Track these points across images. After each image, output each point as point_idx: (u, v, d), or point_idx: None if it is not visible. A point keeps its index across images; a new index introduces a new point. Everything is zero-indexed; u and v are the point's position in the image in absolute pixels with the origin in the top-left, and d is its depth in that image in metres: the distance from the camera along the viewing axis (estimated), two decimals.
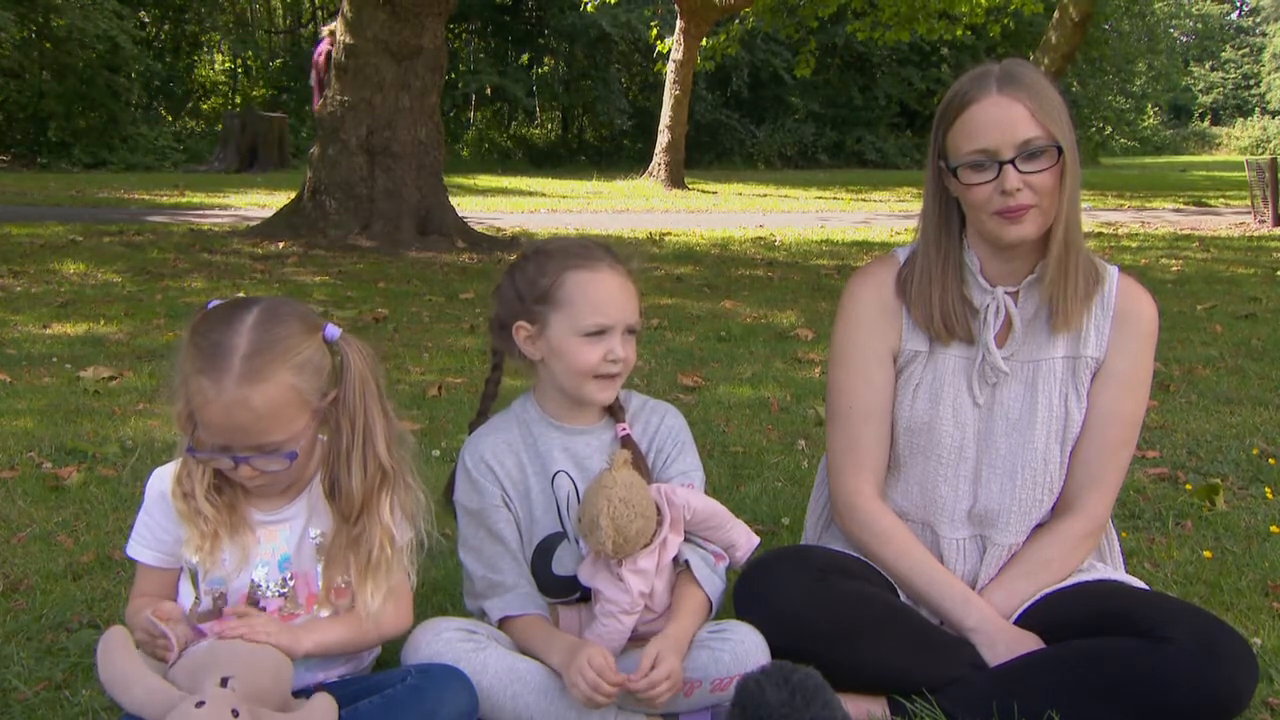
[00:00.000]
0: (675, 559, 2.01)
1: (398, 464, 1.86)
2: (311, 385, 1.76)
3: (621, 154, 25.91)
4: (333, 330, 1.81)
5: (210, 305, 1.81)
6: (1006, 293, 2.10)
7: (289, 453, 1.76)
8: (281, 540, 1.87)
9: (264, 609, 1.84)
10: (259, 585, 1.85)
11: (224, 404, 1.68)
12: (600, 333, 1.97)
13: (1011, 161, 1.96)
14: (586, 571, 1.99)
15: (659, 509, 1.96)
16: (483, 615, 2.06)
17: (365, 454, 1.81)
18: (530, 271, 2.02)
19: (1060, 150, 1.98)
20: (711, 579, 2.03)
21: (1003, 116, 1.97)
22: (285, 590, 1.86)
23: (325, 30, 13.08)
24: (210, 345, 1.71)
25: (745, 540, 2.05)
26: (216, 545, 1.81)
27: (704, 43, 19.03)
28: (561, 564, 2.05)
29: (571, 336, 1.98)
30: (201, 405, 1.70)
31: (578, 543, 2.04)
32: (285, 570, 1.86)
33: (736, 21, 19.98)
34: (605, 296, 1.98)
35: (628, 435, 2.07)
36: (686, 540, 2.03)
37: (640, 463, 2.03)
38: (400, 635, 1.96)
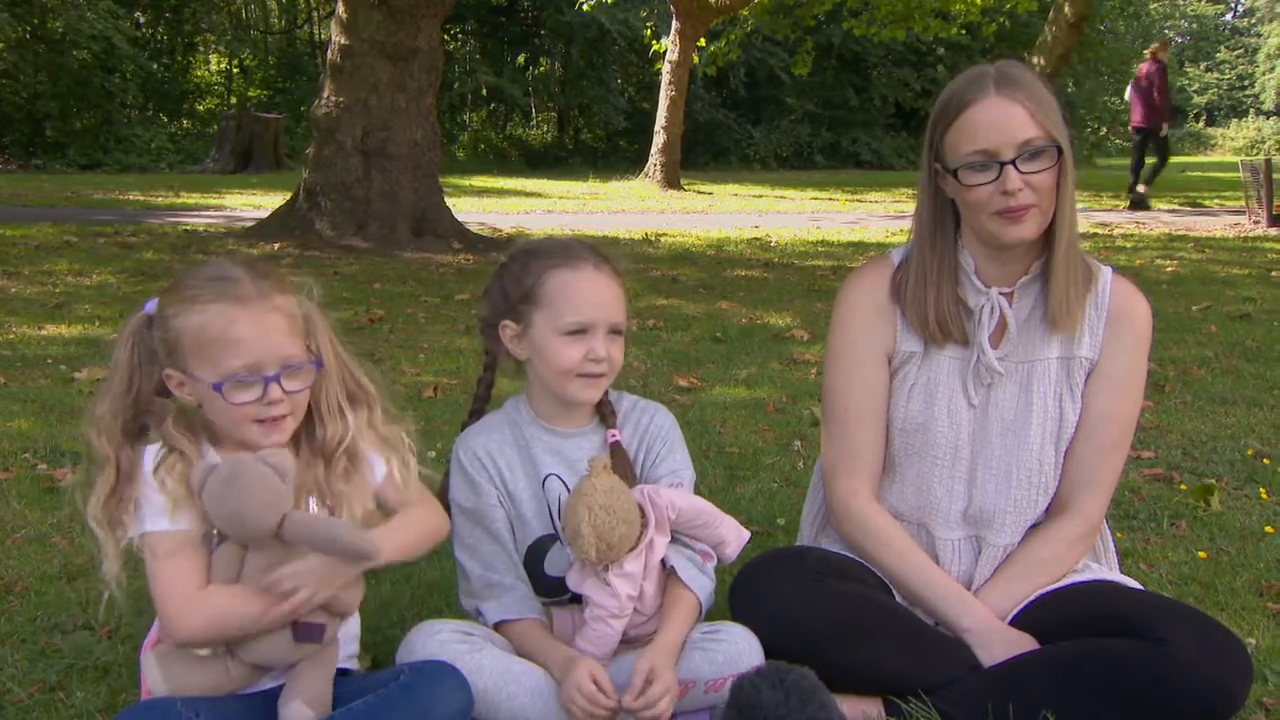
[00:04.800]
0: (663, 561, 2.01)
1: (375, 389, 1.93)
2: (302, 315, 1.83)
3: (618, 155, 25.89)
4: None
5: (149, 306, 1.80)
6: (1001, 294, 2.11)
7: (315, 360, 1.81)
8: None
9: None
10: None
11: (253, 314, 1.73)
12: (580, 331, 1.97)
13: (1012, 162, 1.97)
14: (575, 578, 1.98)
15: (642, 511, 1.95)
16: (478, 615, 2.06)
17: (344, 378, 1.88)
18: (515, 271, 2.04)
19: (1060, 150, 1.98)
20: (699, 579, 2.03)
21: (1002, 117, 1.98)
22: None
23: (1149, 52, 13.31)
24: (213, 282, 1.74)
25: (735, 536, 2.05)
26: None
27: (702, 44, 18.99)
28: (554, 564, 2.05)
29: (553, 335, 1.98)
30: (226, 328, 1.71)
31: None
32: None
33: (737, 26, 19.95)
34: (586, 295, 1.98)
35: (617, 442, 2.06)
36: (674, 541, 2.02)
37: (627, 467, 2.03)
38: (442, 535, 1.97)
